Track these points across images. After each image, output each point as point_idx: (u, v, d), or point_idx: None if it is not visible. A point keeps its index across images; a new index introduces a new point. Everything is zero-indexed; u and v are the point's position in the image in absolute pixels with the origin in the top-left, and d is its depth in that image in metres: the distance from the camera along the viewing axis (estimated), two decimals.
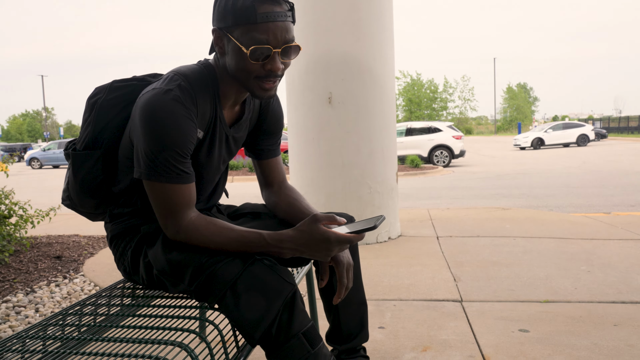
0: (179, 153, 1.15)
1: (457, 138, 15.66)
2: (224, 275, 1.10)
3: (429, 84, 48.25)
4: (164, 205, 1.17)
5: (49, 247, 4.12)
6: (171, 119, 1.13)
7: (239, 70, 1.17)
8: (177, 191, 1.17)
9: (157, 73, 1.41)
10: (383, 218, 1.14)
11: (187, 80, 1.19)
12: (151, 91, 1.16)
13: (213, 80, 1.24)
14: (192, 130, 1.17)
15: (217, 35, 1.17)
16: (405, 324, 2.29)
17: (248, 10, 1.09)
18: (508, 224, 4.68)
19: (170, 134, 1.13)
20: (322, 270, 1.35)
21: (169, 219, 1.18)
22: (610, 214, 5.49)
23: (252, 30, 1.11)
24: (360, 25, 3.86)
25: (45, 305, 2.78)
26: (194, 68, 1.24)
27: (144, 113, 1.13)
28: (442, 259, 3.43)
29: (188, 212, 1.19)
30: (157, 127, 1.12)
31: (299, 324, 1.10)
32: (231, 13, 1.11)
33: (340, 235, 1.12)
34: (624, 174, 10.57)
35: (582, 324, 2.22)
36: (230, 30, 1.13)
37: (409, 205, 7.06)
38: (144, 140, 1.14)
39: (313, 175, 4.01)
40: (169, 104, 1.13)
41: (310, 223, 1.13)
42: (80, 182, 1.35)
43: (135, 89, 1.34)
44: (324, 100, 3.90)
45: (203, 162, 1.31)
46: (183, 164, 1.17)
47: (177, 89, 1.15)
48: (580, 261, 3.27)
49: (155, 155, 1.14)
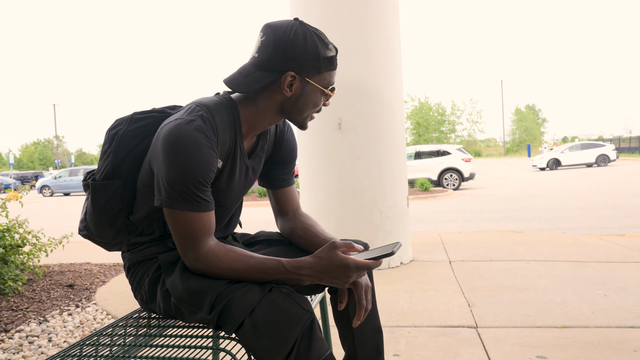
0: (200, 181, 1.17)
1: (467, 161, 15.62)
2: (242, 303, 1.11)
3: (437, 107, 48.44)
4: (184, 233, 1.19)
5: (61, 275, 4.14)
6: (193, 148, 1.15)
7: (310, 108, 1.30)
8: (197, 219, 1.19)
9: (176, 105, 1.44)
10: (400, 245, 1.15)
11: (209, 111, 1.23)
12: (174, 121, 1.19)
13: (234, 111, 1.28)
14: (213, 159, 1.20)
15: (291, 79, 1.24)
16: (420, 351, 2.25)
17: (332, 60, 1.26)
18: (521, 248, 4.63)
19: (192, 163, 1.15)
20: (341, 293, 1.35)
21: (188, 247, 1.19)
22: (624, 236, 5.42)
23: (331, 76, 1.28)
24: (369, 51, 3.91)
25: (58, 334, 2.78)
26: (215, 100, 1.28)
27: (166, 142, 1.16)
28: (455, 284, 3.39)
29: (207, 239, 1.20)
30: (179, 156, 1.15)
31: (317, 352, 1.09)
32: (318, 62, 1.24)
33: (358, 261, 1.13)
34: (636, 195, 10.45)
35: (600, 349, 2.17)
36: (311, 76, 1.25)
37: (419, 229, 7.02)
38: (165, 168, 1.17)
39: (324, 200, 4.02)
40: (191, 134, 1.16)
41: (329, 250, 1.15)
42: (99, 212, 1.37)
43: (155, 120, 1.37)
44: (334, 125, 3.94)
45: (223, 191, 1.33)
46: (204, 192, 1.19)
47: (199, 119, 1.19)
48: (596, 285, 3.22)
49: (177, 183, 1.16)
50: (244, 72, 1.26)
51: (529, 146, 50.54)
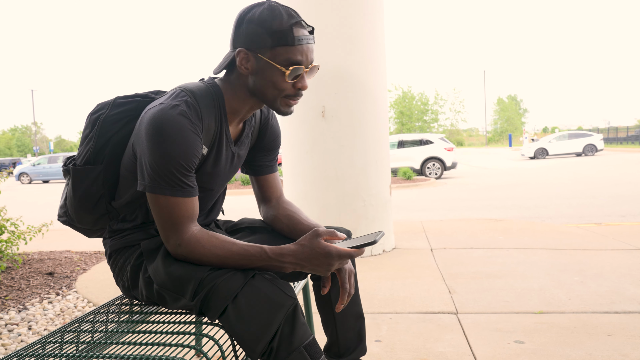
0: (184, 166, 1.17)
1: (449, 150, 15.75)
2: (225, 289, 1.11)
3: (420, 96, 48.63)
4: (167, 218, 1.18)
5: (41, 263, 4.09)
6: (177, 133, 1.15)
7: (270, 88, 1.22)
8: (180, 204, 1.18)
9: (160, 90, 1.42)
10: (383, 233, 1.15)
11: (194, 96, 1.22)
12: (158, 106, 1.18)
13: (219, 97, 1.27)
14: (197, 145, 1.19)
15: (244, 56, 1.20)
16: (401, 336, 2.29)
17: (285, 33, 1.16)
18: (501, 236, 4.71)
19: (176, 148, 1.15)
20: (324, 278, 1.36)
21: (171, 232, 1.19)
22: (601, 225, 5.54)
23: (289, 52, 1.18)
24: (353, 40, 3.91)
25: (38, 322, 2.75)
26: (200, 85, 1.27)
27: (150, 126, 1.15)
28: (436, 271, 3.44)
29: (190, 225, 1.20)
30: (163, 141, 1.14)
31: (300, 338, 1.10)
32: (267, 35, 1.17)
33: (341, 250, 1.13)
34: (614, 184, 10.67)
35: (576, 334, 2.23)
36: (262, 52, 1.18)
37: (402, 217, 7.08)
38: (149, 153, 1.16)
39: (307, 188, 4.03)
40: (175, 118, 1.15)
41: (312, 238, 1.15)
42: (80, 198, 1.35)
43: (139, 105, 1.35)
44: (318, 113, 3.93)
45: (208, 177, 1.32)
46: (187, 177, 1.19)
47: (183, 104, 1.18)
48: (573, 272, 3.29)
49: (161, 168, 1.15)
50: (225, 55, 1.27)
51: (510, 136, 51.09)
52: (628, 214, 6.50)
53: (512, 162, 23.73)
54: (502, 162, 23.62)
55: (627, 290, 2.84)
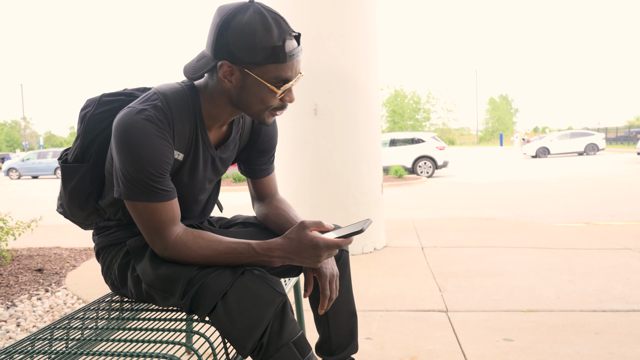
0: (153, 173, 1.13)
1: (441, 149, 15.82)
2: (214, 287, 1.10)
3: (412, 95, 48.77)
4: (148, 224, 1.17)
5: (30, 259, 4.05)
6: (143, 139, 1.11)
7: (257, 104, 1.17)
8: (159, 209, 1.16)
9: (147, 87, 1.39)
10: (370, 222, 1.14)
11: (166, 99, 1.18)
12: (126, 109, 1.15)
13: (195, 101, 1.23)
14: (166, 150, 1.15)
15: (228, 69, 1.13)
16: (392, 334, 2.30)
17: (277, 50, 1.10)
18: (491, 234, 4.74)
19: (142, 155, 1.11)
20: (306, 281, 1.35)
21: (155, 237, 1.17)
22: (590, 224, 5.59)
23: (279, 70, 1.12)
24: (345, 38, 3.91)
25: (27, 319, 2.73)
26: (176, 88, 1.22)
27: (117, 133, 1.12)
28: (427, 270, 3.46)
29: (173, 228, 1.18)
30: (130, 147, 1.11)
31: (290, 334, 1.10)
32: (256, 51, 1.09)
33: (328, 240, 1.12)
34: (603, 184, 10.78)
35: (564, 332, 2.25)
36: (250, 67, 1.12)
37: (393, 216, 7.10)
38: (119, 159, 1.13)
39: (298, 186, 4.03)
40: (140, 124, 1.11)
41: (299, 230, 1.14)
42: (70, 193, 1.35)
43: (123, 103, 1.32)
44: (310, 111, 3.93)
45: (186, 183, 1.29)
46: (161, 182, 1.15)
47: (151, 109, 1.14)
48: (562, 270, 3.32)
49: (131, 175, 1.13)
50: (198, 57, 1.20)
51: (501, 135, 51.40)
52: (616, 213, 6.57)
53: (504, 161, 23.85)
54: (493, 161, 23.73)
55: (614, 289, 2.88)
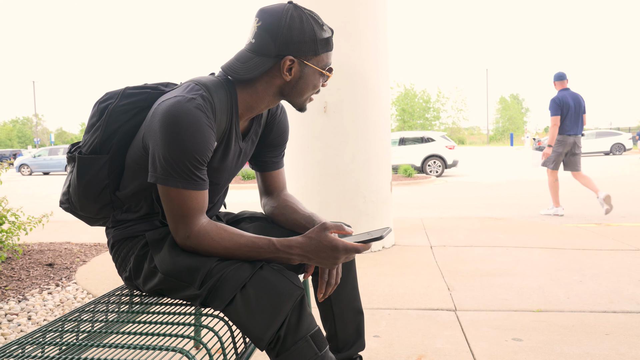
0: (198, 160, 1.18)
1: (450, 148, 15.75)
2: (234, 279, 1.12)
3: (422, 93, 48.59)
4: (178, 211, 1.19)
5: (41, 254, 4.10)
6: (194, 126, 1.15)
7: (309, 90, 1.31)
8: (191, 197, 1.19)
9: (170, 82, 1.42)
10: (390, 230, 1.17)
11: (208, 90, 1.23)
12: (173, 98, 1.18)
13: (232, 94, 1.28)
14: (212, 139, 1.20)
15: (290, 64, 1.25)
16: (400, 332, 2.29)
17: (327, 41, 1.27)
18: (501, 234, 4.71)
19: (191, 141, 1.15)
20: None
21: (180, 224, 1.20)
22: (601, 225, 5.54)
23: (328, 57, 1.30)
24: (356, 35, 3.90)
25: (37, 313, 2.76)
26: (214, 80, 1.28)
27: (166, 119, 1.15)
28: (435, 268, 3.45)
29: (200, 217, 1.21)
30: (179, 133, 1.15)
31: (307, 327, 1.12)
32: (314, 43, 1.24)
33: (348, 244, 1.15)
34: (614, 185, 10.67)
35: (574, 333, 2.24)
36: (309, 58, 1.26)
37: (402, 215, 7.08)
38: (163, 145, 1.16)
39: (307, 184, 4.03)
40: (192, 112, 1.16)
41: (319, 230, 1.17)
42: (84, 186, 1.35)
43: (149, 96, 1.35)
44: (319, 109, 3.93)
45: (215, 172, 1.33)
46: (200, 171, 1.20)
47: (199, 98, 1.18)
48: (573, 271, 3.30)
49: (175, 161, 1.16)
50: (242, 59, 1.26)
51: (512, 135, 51.06)
52: (628, 214, 6.50)
53: (515, 161, 23.67)
54: (503, 161, 23.56)
55: (625, 290, 2.85)
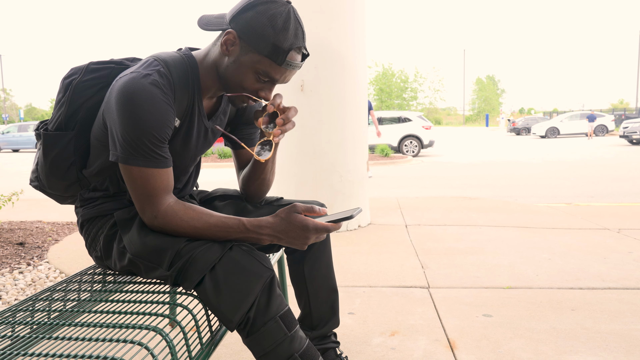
0: (156, 137, 1.14)
1: (427, 128, 15.87)
2: (203, 260, 1.11)
3: (399, 73, 48.57)
4: (142, 190, 1.16)
5: (11, 233, 4.01)
6: (149, 102, 1.12)
7: (235, 78, 1.20)
8: (155, 175, 1.16)
9: (136, 57, 1.39)
10: (360, 210, 1.16)
11: (167, 66, 1.19)
12: (129, 74, 1.15)
13: (194, 70, 1.24)
14: (169, 115, 1.16)
15: (232, 40, 1.17)
16: (374, 309, 2.33)
17: (280, 53, 1.14)
18: (474, 214, 4.80)
19: (148, 118, 1.12)
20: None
21: (146, 204, 1.17)
22: (571, 204, 5.69)
23: (272, 68, 1.17)
24: (334, 13, 3.86)
25: (8, 292, 2.71)
26: (175, 56, 1.24)
27: (121, 96, 1.12)
28: (410, 247, 3.50)
29: (166, 197, 1.18)
30: (134, 111, 1.11)
31: (276, 308, 1.11)
32: (265, 42, 1.13)
33: (318, 223, 1.14)
34: (584, 165, 10.94)
35: (542, 308, 2.31)
36: (251, 50, 1.16)
37: (378, 194, 7.14)
38: (120, 123, 1.13)
39: (284, 163, 4.02)
40: (147, 88, 1.12)
41: (289, 210, 1.15)
42: (50, 163, 1.32)
43: (112, 72, 1.31)
44: (297, 87, 3.90)
45: (179, 151, 1.30)
46: (161, 148, 1.16)
47: (156, 74, 1.15)
48: (542, 249, 3.39)
49: (132, 139, 1.13)
50: (219, 15, 1.23)
51: (487, 116, 51.64)
52: (597, 194, 6.69)
53: (489, 141, 23.98)
54: (479, 142, 23.85)
55: (591, 267, 2.95)
